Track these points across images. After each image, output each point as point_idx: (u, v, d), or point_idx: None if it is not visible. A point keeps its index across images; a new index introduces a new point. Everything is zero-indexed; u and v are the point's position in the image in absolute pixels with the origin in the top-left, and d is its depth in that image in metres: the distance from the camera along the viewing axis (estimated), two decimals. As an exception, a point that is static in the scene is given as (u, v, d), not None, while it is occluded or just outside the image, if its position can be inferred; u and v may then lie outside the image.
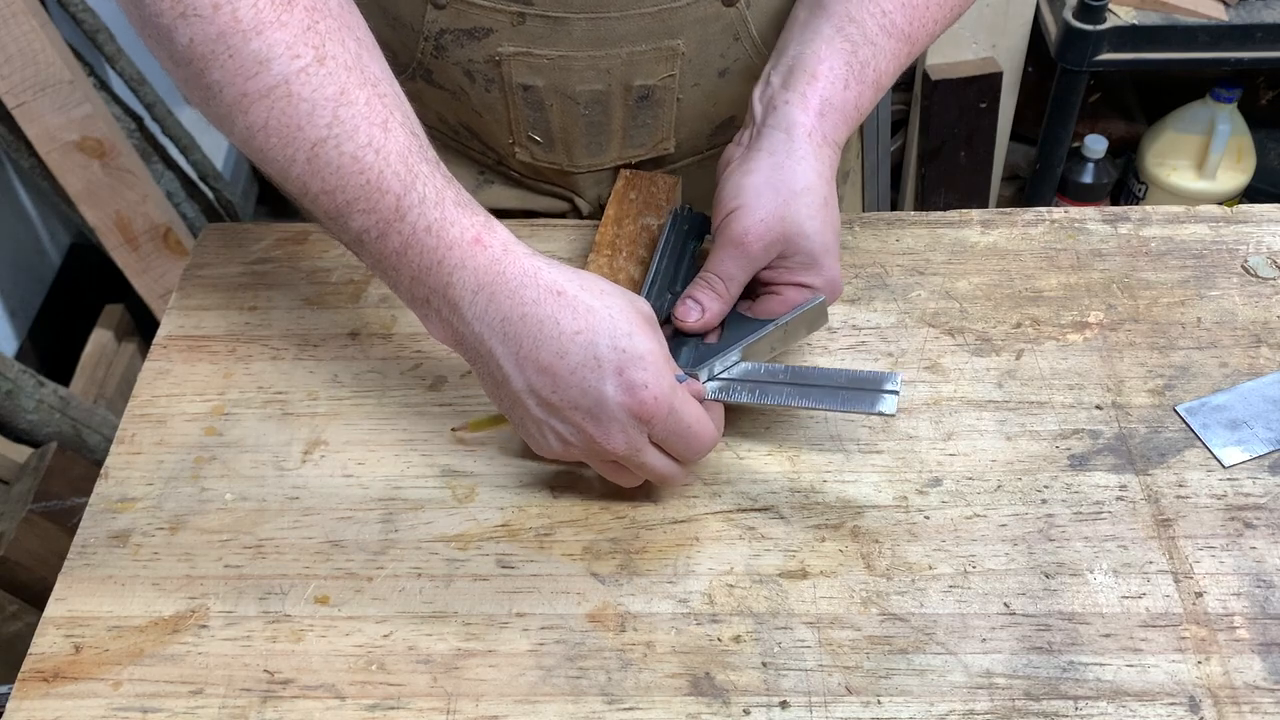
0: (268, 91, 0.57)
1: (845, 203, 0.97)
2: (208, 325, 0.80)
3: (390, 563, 0.66)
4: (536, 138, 0.81)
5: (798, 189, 0.67)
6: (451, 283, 0.60)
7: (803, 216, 0.67)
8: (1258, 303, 0.78)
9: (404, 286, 0.62)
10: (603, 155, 0.82)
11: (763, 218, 0.67)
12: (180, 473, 0.71)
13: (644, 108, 0.79)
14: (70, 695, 0.61)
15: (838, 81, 0.69)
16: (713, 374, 0.68)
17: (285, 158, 0.58)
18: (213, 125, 0.61)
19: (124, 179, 1.61)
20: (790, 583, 0.65)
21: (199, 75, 0.57)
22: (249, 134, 0.58)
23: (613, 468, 0.65)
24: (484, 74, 0.77)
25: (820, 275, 0.69)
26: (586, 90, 0.77)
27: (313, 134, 0.57)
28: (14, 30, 1.45)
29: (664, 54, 0.76)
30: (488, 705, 0.60)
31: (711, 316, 0.69)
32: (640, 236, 0.78)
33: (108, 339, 1.74)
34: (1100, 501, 0.68)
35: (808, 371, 0.68)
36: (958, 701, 0.60)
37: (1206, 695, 0.59)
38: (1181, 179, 1.86)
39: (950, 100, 1.78)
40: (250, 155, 0.60)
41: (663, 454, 0.64)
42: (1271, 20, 1.58)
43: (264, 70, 0.56)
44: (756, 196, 0.67)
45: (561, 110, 0.79)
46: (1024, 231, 0.84)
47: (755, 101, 0.72)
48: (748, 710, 0.60)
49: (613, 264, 0.77)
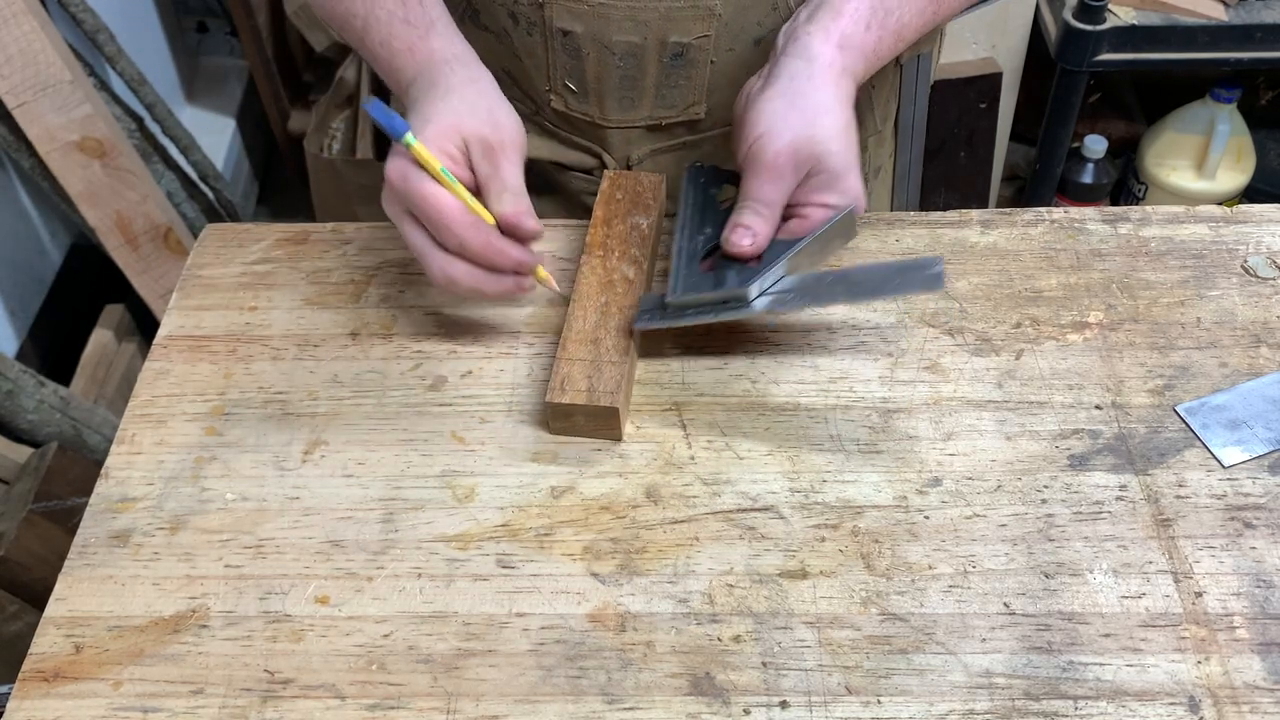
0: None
1: (875, 199, 0.98)
2: (208, 325, 0.80)
3: (390, 563, 0.66)
4: (572, 86, 0.84)
5: (820, 111, 0.70)
6: (400, 81, 0.75)
7: (827, 137, 0.69)
8: (1257, 303, 0.79)
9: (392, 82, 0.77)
10: (634, 111, 0.84)
11: (790, 140, 0.69)
12: (180, 473, 0.71)
13: (677, 66, 0.81)
14: (70, 695, 0.61)
15: (860, 21, 0.72)
16: (763, 289, 0.71)
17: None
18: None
19: (124, 179, 1.61)
20: (790, 583, 0.65)
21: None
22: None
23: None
24: (527, 16, 0.81)
25: (844, 194, 0.71)
26: (623, 41, 0.80)
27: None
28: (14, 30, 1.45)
29: (700, 13, 0.79)
30: (488, 705, 0.60)
31: (762, 239, 0.72)
32: (631, 235, 0.79)
33: (108, 339, 1.74)
34: (1100, 501, 0.68)
35: (852, 271, 0.72)
36: (958, 701, 0.60)
37: (1206, 695, 0.59)
38: (1181, 179, 1.86)
39: (950, 100, 1.78)
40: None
41: (423, 233, 0.70)
42: (1271, 20, 1.58)
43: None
44: (782, 120, 0.70)
45: (597, 60, 0.81)
46: (1024, 231, 0.84)
47: (780, 35, 0.74)
48: (748, 710, 0.60)
49: (606, 264, 0.77)
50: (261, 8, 2.10)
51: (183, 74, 2.25)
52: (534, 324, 0.79)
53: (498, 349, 0.77)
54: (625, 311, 0.74)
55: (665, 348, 0.77)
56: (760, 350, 0.77)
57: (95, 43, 1.71)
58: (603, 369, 0.71)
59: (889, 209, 1.01)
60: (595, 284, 0.76)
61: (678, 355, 0.77)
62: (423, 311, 0.80)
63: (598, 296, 0.75)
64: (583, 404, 0.69)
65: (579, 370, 0.71)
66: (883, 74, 0.89)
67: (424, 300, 0.81)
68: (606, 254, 0.78)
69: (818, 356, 0.76)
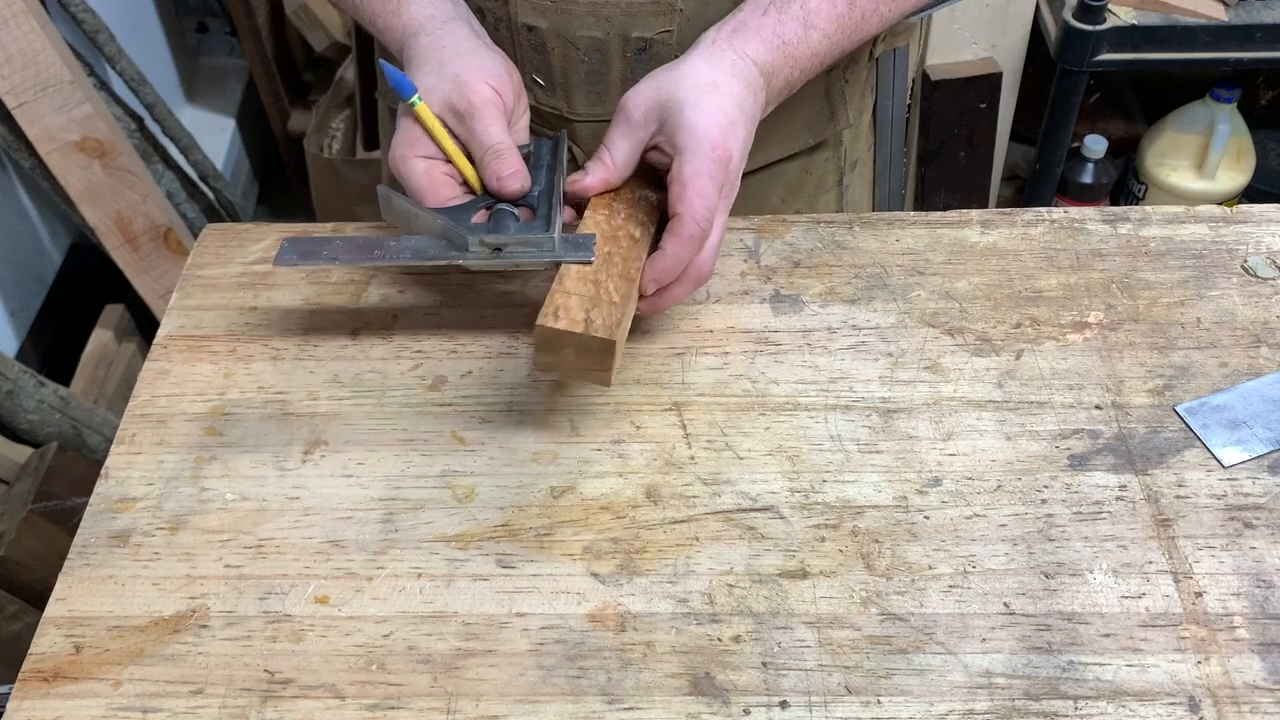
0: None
1: (852, 193, 0.98)
2: (208, 325, 0.80)
3: (390, 563, 0.66)
4: (539, 80, 0.84)
5: (683, 70, 0.71)
6: (398, 60, 0.76)
7: (683, 88, 0.69)
8: (1257, 303, 0.79)
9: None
10: (602, 105, 0.84)
11: (642, 89, 0.71)
12: (180, 473, 0.71)
13: (643, 61, 0.81)
14: (70, 695, 0.61)
15: (757, 9, 0.73)
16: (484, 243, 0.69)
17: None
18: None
19: (124, 179, 1.61)
20: (790, 583, 0.65)
21: None
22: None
23: None
24: (493, 12, 0.81)
25: (691, 136, 0.68)
26: (586, 36, 0.80)
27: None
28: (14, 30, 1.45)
29: (662, 9, 0.79)
30: (488, 705, 0.60)
31: (594, 183, 0.72)
32: (640, 204, 0.74)
33: (108, 339, 1.74)
34: (1100, 501, 0.68)
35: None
36: (958, 701, 0.60)
37: (1206, 695, 0.59)
38: (1181, 179, 1.86)
39: (950, 100, 1.78)
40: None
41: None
42: (1271, 20, 1.58)
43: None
44: (648, 80, 0.71)
45: (563, 55, 0.81)
46: (1024, 231, 0.84)
47: None
48: (748, 710, 0.60)
49: (611, 222, 0.72)
50: (261, 8, 2.10)
51: (183, 74, 2.25)
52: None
53: (498, 349, 0.77)
54: (629, 262, 0.69)
55: (655, 342, 0.77)
56: (760, 350, 0.77)
57: (95, 43, 1.71)
58: (601, 306, 0.66)
59: (869, 202, 1.01)
60: (598, 237, 0.70)
61: (678, 355, 0.77)
62: (423, 311, 0.80)
63: (601, 247, 0.69)
64: (579, 332, 0.64)
65: (576, 303, 0.66)
66: (856, 67, 0.89)
67: (424, 300, 0.81)
68: (612, 214, 0.73)
69: (818, 356, 0.76)
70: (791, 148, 0.90)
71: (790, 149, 0.90)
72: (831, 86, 0.88)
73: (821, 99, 0.88)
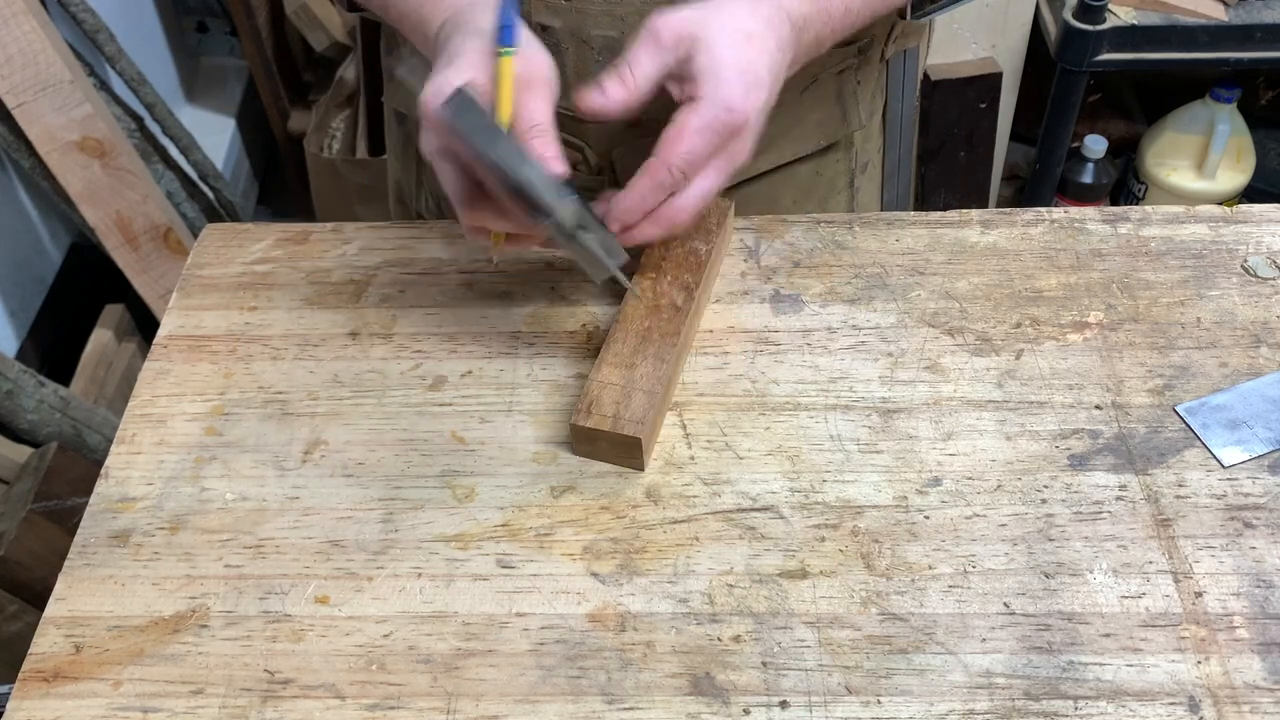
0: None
1: (862, 194, 0.98)
2: (208, 325, 0.80)
3: (390, 563, 0.66)
4: None
5: (722, 13, 0.68)
6: (428, 34, 0.73)
7: (717, 30, 0.67)
8: (1257, 303, 0.79)
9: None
10: None
11: (678, 15, 0.68)
12: (180, 473, 0.71)
13: None
14: (70, 695, 0.61)
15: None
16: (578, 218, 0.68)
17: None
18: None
19: (124, 179, 1.61)
20: (790, 583, 0.65)
21: None
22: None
23: None
24: None
25: (700, 114, 0.67)
26: (601, 36, 0.79)
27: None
28: (14, 30, 1.45)
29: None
30: (488, 705, 0.60)
31: (611, 101, 0.68)
32: (687, 260, 0.78)
33: (108, 339, 1.74)
34: (1100, 501, 0.68)
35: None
36: (958, 701, 0.60)
37: (1206, 695, 0.59)
38: (1181, 179, 1.86)
39: (950, 100, 1.78)
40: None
41: (460, 176, 0.67)
42: (1271, 20, 1.58)
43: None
44: (682, 8, 0.68)
45: (576, 55, 0.81)
46: (1024, 231, 0.84)
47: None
48: (748, 710, 0.60)
49: (656, 288, 0.76)
50: (261, 8, 2.10)
51: (183, 74, 2.25)
52: (534, 324, 0.79)
53: (498, 349, 0.77)
54: (667, 339, 0.73)
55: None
56: (760, 350, 0.77)
57: (95, 43, 1.71)
58: (633, 396, 0.70)
59: (879, 204, 1.01)
60: (641, 308, 0.75)
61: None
62: (423, 311, 0.80)
63: (642, 321, 0.74)
64: (606, 430, 0.68)
65: (608, 395, 0.70)
66: (867, 68, 0.89)
67: (424, 300, 0.81)
68: (659, 277, 0.77)
69: (818, 356, 0.76)
70: (803, 149, 0.90)
71: (802, 150, 0.90)
72: (843, 87, 0.88)
73: (833, 100, 0.88)
